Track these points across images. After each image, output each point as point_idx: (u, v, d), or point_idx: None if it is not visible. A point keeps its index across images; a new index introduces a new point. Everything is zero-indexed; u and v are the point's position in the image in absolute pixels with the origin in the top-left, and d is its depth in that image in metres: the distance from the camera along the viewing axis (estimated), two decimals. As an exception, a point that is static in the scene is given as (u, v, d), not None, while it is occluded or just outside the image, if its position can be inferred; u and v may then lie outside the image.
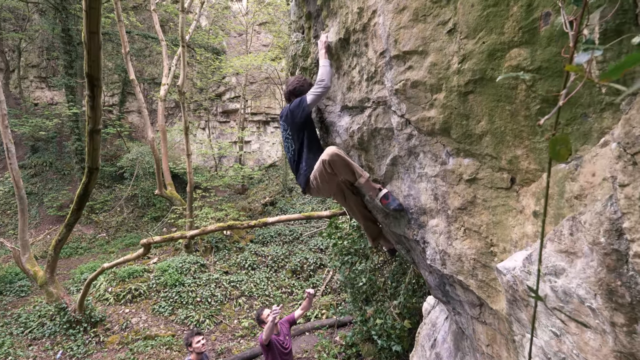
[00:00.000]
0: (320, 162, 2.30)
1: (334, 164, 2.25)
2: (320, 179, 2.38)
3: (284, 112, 2.65)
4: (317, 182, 2.41)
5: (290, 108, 2.57)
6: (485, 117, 1.58)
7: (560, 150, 0.57)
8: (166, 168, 12.86)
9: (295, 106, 2.52)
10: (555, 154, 0.58)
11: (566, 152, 0.58)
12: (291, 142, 2.62)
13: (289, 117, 2.56)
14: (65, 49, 15.36)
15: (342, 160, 2.26)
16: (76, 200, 7.36)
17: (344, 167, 2.28)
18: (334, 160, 2.24)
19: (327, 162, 2.25)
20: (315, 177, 2.41)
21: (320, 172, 2.34)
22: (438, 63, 1.69)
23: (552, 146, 0.58)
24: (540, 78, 1.33)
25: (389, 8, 1.86)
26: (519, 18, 1.34)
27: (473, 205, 1.78)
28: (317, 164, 2.36)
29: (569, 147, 0.58)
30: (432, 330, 3.19)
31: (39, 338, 8.17)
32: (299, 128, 2.55)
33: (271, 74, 16.68)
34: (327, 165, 2.26)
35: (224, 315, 9.10)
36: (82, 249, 14.34)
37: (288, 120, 2.58)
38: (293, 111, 2.54)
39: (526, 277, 1.35)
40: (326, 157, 2.25)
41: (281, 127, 2.73)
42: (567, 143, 0.57)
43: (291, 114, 2.55)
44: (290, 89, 2.67)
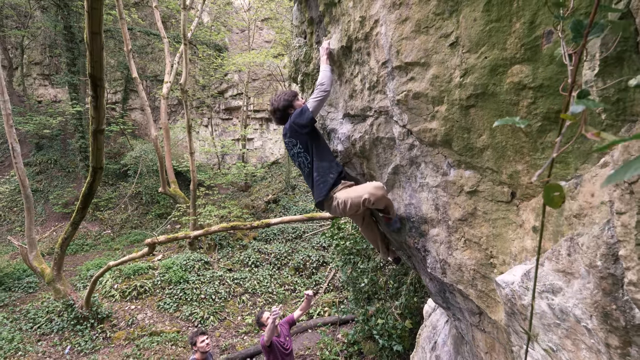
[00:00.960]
0: (362, 199, 2.16)
1: (377, 202, 2.18)
2: (351, 209, 2.27)
3: (287, 129, 2.48)
4: (345, 208, 2.28)
5: (292, 121, 2.41)
6: (486, 132, 1.59)
7: (555, 198, 0.59)
8: (169, 166, 12.92)
9: (297, 116, 2.38)
10: (549, 201, 0.60)
11: (560, 199, 0.59)
12: (304, 156, 2.45)
13: (295, 130, 2.40)
14: (68, 47, 15.39)
15: (384, 202, 2.20)
16: (81, 199, 7.44)
17: (384, 205, 2.23)
18: (379, 201, 2.17)
19: (372, 202, 2.16)
20: (345, 204, 2.26)
21: (354, 205, 2.23)
22: (440, 76, 1.69)
23: (547, 193, 0.59)
24: (541, 96, 1.33)
25: (391, 18, 1.86)
26: (521, 35, 1.34)
27: (474, 217, 1.80)
28: (354, 194, 2.24)
29: (562, 195, 0.59)
30: (432, 333, 3.22)
31: (47, 333, 8.32)
32: (308, 138, 2.40)
33: (274, 71, 16.63)
34: (370, 204, 2.17)
35: (228, 312, 9.20)
36: (87, 245, 14.50)
37: (294, 134, 2.42)
38: (297, 123, 2.38)
39: (524, 292, 1.37)
40: (372, 198, 2.14)
41: (288, 145, 2.55)
42: (561, 190, 0.58)
43: (296, 126, 2.39)
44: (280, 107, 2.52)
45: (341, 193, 2.31)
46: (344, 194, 2.29)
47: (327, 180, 2.36)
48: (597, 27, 0.67)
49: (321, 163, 2.39)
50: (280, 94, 2.59)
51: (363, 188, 2.23)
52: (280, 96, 2.57)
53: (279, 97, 2.57)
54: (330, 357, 5.91)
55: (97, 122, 6.57)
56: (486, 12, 1.43)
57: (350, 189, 2.34)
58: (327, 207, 2.43)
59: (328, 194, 2.34)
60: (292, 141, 2.49)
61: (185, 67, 10.49)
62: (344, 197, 2.27)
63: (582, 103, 0.54)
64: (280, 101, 2.53)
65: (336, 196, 2.32)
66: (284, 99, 2.54)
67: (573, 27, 0.69)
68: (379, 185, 2.18)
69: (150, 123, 12.50)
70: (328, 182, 2.35)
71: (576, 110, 0.54)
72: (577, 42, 0.69)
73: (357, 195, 2.20)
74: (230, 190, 17.58)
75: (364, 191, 2.18)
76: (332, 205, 2.36)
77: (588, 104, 0.54)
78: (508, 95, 1.44)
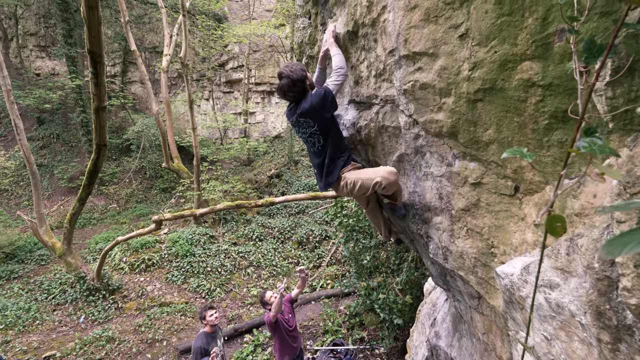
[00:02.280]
0: (373, 182, 2.15)
1: (388, 188, 2.17)
2: (359, 190, 2.26)
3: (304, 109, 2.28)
4: (354, 189, 2.27)
5: (313, 103, 2.24)
6: (493, 126, 1.59)
7: (557, 227, 0.62)
8: (172, 141, 12.89)
9: (320, 98, 2.22)
10: (552, 230, 0.63)
11: (562, 229, 0.62)
12: (318, 137, 2.35)
13: (316, 112, 2.25)
14: (63, 17, 14.91)
15: (397, 188, 2.19)
16: (87, 175, 7.53)
17: (394, 191, 2.22)
18: (390, 185, 2.15)
19: (383, 186, 2.15)
20: (354, 185, 2.25)
21: (364, 186, 2.22)
22: (448, 67, 1.67)
23: (550, 223, 0.62)
24: (550, 94, 1.32)
25: (399, 5, 1.81)
26: (533, 31, 1.31)
27: (477, 207, 1.84)
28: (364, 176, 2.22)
29: (564, 225, 0.62)
30: (432, 310, 3.37)
31: (62, 304, 8.71)
32: (329, 122, 2.31)
33: (275, 42, 16.15)
34: (381, 187, 2.16)
35: (234, 284, 9.54)
36: (94, 219, 14.80)
37: (314, 116, 2.27)
38: (319, 106, 2.23)
39: (523, 285, 1.43)
40: (384, 182, 2.12)
41: (302, 125, 2.36)
42: (563, 221, 0.61)
43: (318, 110, 2.24)
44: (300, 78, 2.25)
45: (350, 174, 2.30)
46: (354, 174, 2.29)
47: (338, 163, 2.35)
48: (612, 50, 0.67)
49: (334, 148, 2.35)
50: (293, 65, 2.31)
51: (375, 171, 2.21)
52: (295, 67, 2.29)
53: (295, 68, 2.29)
54: (333, 328, 6.20)
55: (99, 100, 6.52)
56: (498, 4, 1.39)
57: (360, 170, 2.33)
58: (334, 188, 2.42)
59: (339, 176, 2.35)
60: (308, 122, 2.32)
61: (185, 39, 10.21)
62: (354, 178, 2.26)
63: (587, 147, 0.56)
64: (297, 72, 2.26)
65: (345, 176, 2.31)
66: (300, 69, 2.29)
67: (586, 46, 0.69)
68: (392, 171, 2.16)
69: (151, 97, 12.34)
70: (338, 164, 2.35)
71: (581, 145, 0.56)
72: (588, 62, 0.69)
73: (369, 178, 2.19)
74: (233, 164, 17.64)
75: (376, 174, 2.16)
76: (339, 185, 2.36)
77: (594, 148, 0.56)
78: (516, 91, 1.43)
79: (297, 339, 4.20)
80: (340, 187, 2.36)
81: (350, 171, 2.34)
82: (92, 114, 6.63)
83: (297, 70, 2.28)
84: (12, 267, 10.32)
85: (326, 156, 2.35)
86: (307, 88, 2.33)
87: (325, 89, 2.23)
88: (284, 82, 2.28)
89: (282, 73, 2.30)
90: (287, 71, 2.28)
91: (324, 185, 2.42)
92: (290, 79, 2.26)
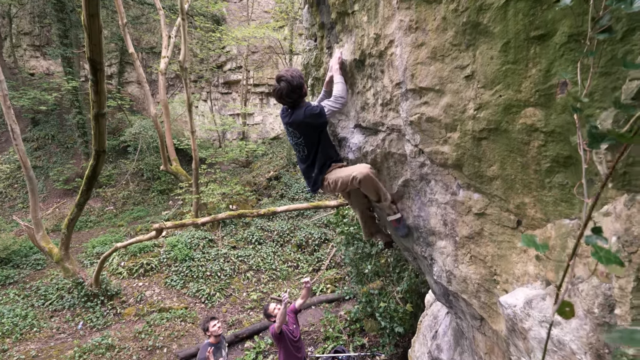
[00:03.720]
0: (351, 177, 2.33)
1: (364, 183, 2.32)
2: (341, 187, 2.46)
3: (294, 120, 2.42)
4: (336, 186, 2.48)
5: (306, 118, 2.36)
6: (497, 163, 1.66)
7: (566, 312, 0.69)
8: (170, 143, 12.88)
9: (315, 116, 2.34)
10: (562, 313, 0.70)
11: (570, 313, 0.69)
12: (303, 148, 2.53)
13: (306, 126, 2.40)
14: (58, 17, 14.78)
15: (372, 183, 2.33)
16: (85, 181, 7.53)
17: (371, 188, 2.35)
18: (366, 180, 2.31)
19: (358, 180, 2.31)
20: (336, 183, 2.46)
21: (344, 183, 2.41)
22: (454, 105, 1.74)
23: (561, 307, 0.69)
24: (552, 140, 1.40)
25: (407, 41, 1.87)
26: (536, 81, 1.38)
27: (480, 236, 1.91)
28: (344, 174, 2.41)
29: (572, 310, 0.69)
30: (433, 322, 3.45)
31: (59, 310, 8.69)
32: (316, 137, 2.45)
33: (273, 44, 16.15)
34: (357, 182, 2.33)
35: (234, 289, 9.58)
36: (91, 222, 14.74)
37: (303, 129, 2.43)
38: (311, 122, 2.37)
39: (526, 317, 1.51)
40: (359, 176, 2.30)
41: (291, 134, 2.55)
42: (571, 307, 0.68)
43: (309, 125, 2.38)
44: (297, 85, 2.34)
45: (331, 175, 2.53)
46: (334, 175, 2.51)
47: (322, 171, 2.55)
48: (610, 137, 0.74)
49: (323, 159, 2.53)
50: (293, 71, 2.40)
51: (353, 168, 2.43)
52: (295, 73, 2.38)
53: (295, 74, 2.37)
54: (334, 335, 6.28)
55: (99, 106, 6.53)
56: (503, 52, 1.46)
57: (339, 170, 2.54)
58: (322, 189, 2.65)
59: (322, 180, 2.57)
60: (295, 133, 2.50)
61: (184, 43, 10.20)
62: (334, 178, 2.48)
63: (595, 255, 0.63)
64: (297, 78, 2.35)
65: (327, 177, 2.54)
66: (299, 75, 2.38)
67: (589, 133, 0.76)
68: (367, 166, 2.35)
69: (149, 100, 12.31)
70: (324, 170, 2.55)
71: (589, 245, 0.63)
72: (593, 147, 0.76)
73: (347, 175, 2.38)
74: (231, 166, 17.63)
75: (352, 170, 2.38)
76: (324, 185, 2.59)
77: (601, 256, 0.63)
78: (520, 134, 1.51)
79: (301, 349, 4.28)
80: (324, 186, 2.60)
81: (332, 172, 2.55)
82: (92, 121, 6.64)
83: (297, 76, 2.38)
84: (8, 272, 10.26)
85: (314, 165, 2.56)
86: (303, 96, 2.46)
87: (321, 109, 2.37)
88: (283, 85, 2.37)
89: (282, 77, 2.38)
90: (288, 76, 2.37)
91: (313, 190, 2.67)
92: (290, 84, 2.36)
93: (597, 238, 0.66)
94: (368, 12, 2.08)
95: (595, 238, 0.66)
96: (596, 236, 0.67)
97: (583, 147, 0.86)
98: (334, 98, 2.37)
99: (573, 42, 1.23)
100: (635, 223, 0.99)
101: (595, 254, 0.65)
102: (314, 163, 2.56)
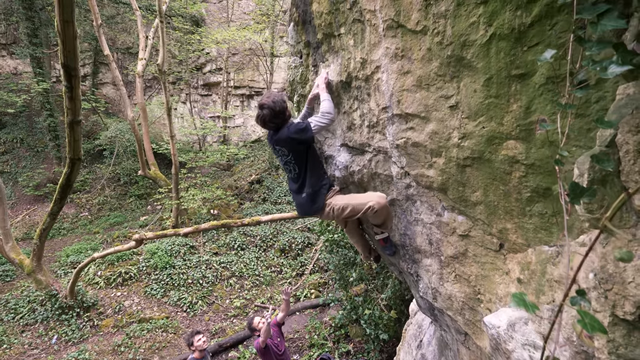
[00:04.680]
0: (366, 207, 2.26)
1: (380, 212, 2.27)
2: (349, 214, 2.35)
3: (280, 139, 2.44)
4: (342, 214, 2.37)
5: (291, 134, 2.37)
6: (480, 190, 1.73)
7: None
8: (148, 148, 12.55)
9: (300, 131, 2.35)
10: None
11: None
12: (293, 166, 2.50)
13: (292, 142, 2.40)
14: (27, 15, 14.10)
15: (388, 213, 2.31)
16: (58, 189, 7.23)
17: (384, 217, 2.33)
18: (382, 210, 2.26)
19: (375, 210, 2.25)
20: (343, 210, 2.36)
21: (355, 211, 2.32)
22: (439, 132, 1.80)
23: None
24: (533, 172, 1.47)
25: (393, 68, 1.92)
26: (517, 116, 1.45)
27: (464, 256, 1.98)
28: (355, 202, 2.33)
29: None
30: (418, 332, 3.54)
31: (31, 324, 8.28)
32: (304, 153, 2.44)
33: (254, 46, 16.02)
34: (372, 210, 2.25)
35: (216, 296, 9.44)
36: (64, 229, 14.14)
37: (289, 146, 2.42)
38: (297, 138, 2.37)
39: (509, 339, 1.58)
40: (376, 206, 2.23)
41: (278, 153, 2.55)
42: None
43: (295, 141, 2.38)
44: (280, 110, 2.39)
45: (337, 199, 2.43)
46: (342, 200, 2.42)
47: (321, 191, 2.47)
48: (591, 192, 0.80)
49: (313, 176, 2.47)
50: (274, 96, 2.44)
51: (367, 196, 2.34)
52: (277, 98, 2.42)
53: (277, 99, 2.41)
54: (319, 342, 6.31)
55: (73, 114, 6.31)
56: (486, 86, 1.52)
57: (349, 196, 2.48)
58: (319, 214, 2.53)
59: (323, 204, 2.46)
60: (283, 151, 2.49)
61: (163, 46, 9.95)
62: (343, 203, 2.38)
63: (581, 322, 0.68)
64: (279, 103, 2.38)
65: (331, 202, 2.44)
66: (281, 100, 2.42)
67: (571, 188, 0.81)
68: (383, 195, 2.30)
69: (125, 102, 11.94)
70: (322, 192, 2.47)
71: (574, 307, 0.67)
72: (574, 202, 0.81)
73: (360, 203, 2.31)
74: (212, 169, 17.35)
75: (368, 199, 2.29)
76: (324, 211, 2.47)
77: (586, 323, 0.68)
78: (502, 164, 1.58)
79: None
80: (325, 212, 2.47)
81: (335, 196, 2.47)
82: (67, 128, 6.40)
83: (278, 101, 2.42)
84: (-26, 285, 9.70)
85: (305, 184, 2.47)
86: (287, 119, 2.48)
87: (307, 124, 2.36)
88: (266, 112, 2.40)
89: (264, 104, 2.42)
90: (269, 102, 2.40)
91: (309, 212, 2.53)
92: (273, 110, 2.40)
93: (582, 300, 0.71)
94: (354, 37, 2.11)
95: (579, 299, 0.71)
96: (580, 298, 0.72)
97: (564, 197, 0.92)
98: (321, 114, 2.37)
99: (551, 83, 1.30)
100: (610, 261, 1.06)
101: (581, 321, 0.70)
102: (305, 182, 2.49)
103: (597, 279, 1.10)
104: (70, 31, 5.38)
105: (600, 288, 1.08)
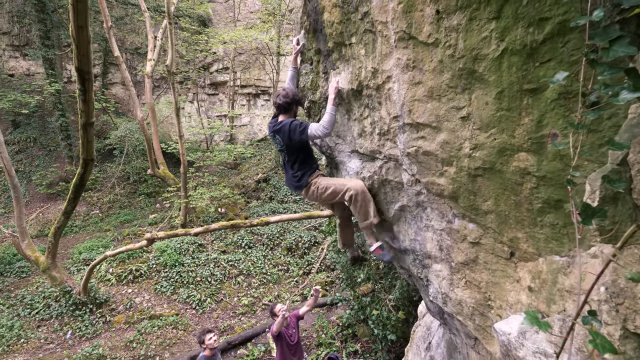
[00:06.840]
0: (344, 189, 2.47)
1: (355, 198, 2.43)
2: (329, 195, 2.58)
3: (281, 129, 2.67)
4: (324, 193, 2.60)
5: (289, 132, 2.62)
6: (491, 199, 1.76)
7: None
8: (157, 147, 12.71)
9: (296, 131, 2.59)
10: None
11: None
12: (285, 154, 2.78)
13: (287, 137, 2.64)
14: (39, 17, 14.33)
15: (365, 200, 2.44)
16: (72, 189, 7.40)
17: (362, 206, 2.45)
18: (357, 196, 2.43)
19: (352, 196, 2.43)
20: (325, 189, 2.59)
21: (335, 192, 2.54)
22: (450, 142, 1.83)
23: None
24: (544, 184, 1.50)
25: (404, 78, 1.95)
26: (529, 129, 1.47)
27: (475, 263, 2.01)
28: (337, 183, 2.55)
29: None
30: (427, 334, 3.57)
31: (46, 319, 8.51)
32: (296, 148, 2.69)
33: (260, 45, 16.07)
34: (349, 197, 2.44)
35: (224, 294, 9.57)
36: (77, 227, 14.41)
37: (285, 139, 2.68)
38: (292, 137, 2.61)
39: (520, 346, 1.61)
40: (353, 192, 2.43)
41: (275, 140, 2.81)
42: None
43: (290, 137, 2.63)
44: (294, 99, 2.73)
45: (321, 180, 2.67)
46: (325, 181, 2.66)
47: (305, 173, 2.71)
48: (602, 213, 0.83)
49: (301, 165, 2.73)
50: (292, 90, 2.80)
51: (347, 180, 2.58)
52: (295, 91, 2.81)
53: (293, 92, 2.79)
54: (327, 341, 6.37)
55: (87, 116, 6.43)
56: (498, 99, 1.55)
57: (333, 178, 2.71)
58: (304, 191, 2.77)
59: (308, 182, 2.71)
60: (279, 140, 2.73)
61: (171, 48, 10.05)
62: (325, 184, 2.63)
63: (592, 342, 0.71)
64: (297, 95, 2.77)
65: (315, 181, 2.68)
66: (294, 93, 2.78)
67: (582, 209, 0.84)
68: (360, 182, 2.51)
69: (135, 102, 12.10)
70: (306, 174, 2.71)
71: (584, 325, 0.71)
72: (585, 224, 0.84)
73: (341, 184, 2.56)
74: (219, 168, 17.49)
75: (347, 182, 2.54)
76: (309, 190, 2.72)
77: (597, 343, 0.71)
78: (514, 175, 1.60)
79: (298, 352, 4.40)
80: (310, 191, 2.72)
81: (320, 177, 2.71)
82: (80, 130, 6.54)
83: (297, 94, 2.81)
84: (-9, 281, 9.98)
85: (295, 169, 2.74)
86: (294, 112, 2.77)
87: (305, 127, 2.58)
88: (282, 93, 2.74)
89: (287, 89, 2.80)
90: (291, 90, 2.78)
91: (296, 187, 2.79)
92: (288, 94, 2.72)
93: (593, 320, 0.74)
94: (365, 46, 2.14)
95: (591, 319, 0.74)
96: (592, 318, 0.75)
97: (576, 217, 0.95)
98: (321, 124, 2.51)
99: (563, 99, 1.32)
100: (621, 275, 1.09)
101: (593, 341, 0.73)
102: (294, 167, 2.75)
103: (608, 292, 1.13)
104: (84, 36, 5.48)
105: (612, 302, 1.10)
